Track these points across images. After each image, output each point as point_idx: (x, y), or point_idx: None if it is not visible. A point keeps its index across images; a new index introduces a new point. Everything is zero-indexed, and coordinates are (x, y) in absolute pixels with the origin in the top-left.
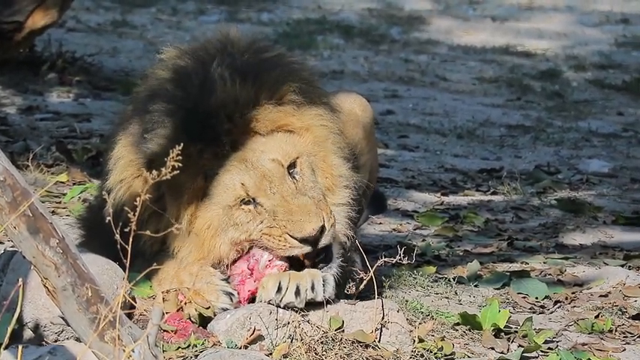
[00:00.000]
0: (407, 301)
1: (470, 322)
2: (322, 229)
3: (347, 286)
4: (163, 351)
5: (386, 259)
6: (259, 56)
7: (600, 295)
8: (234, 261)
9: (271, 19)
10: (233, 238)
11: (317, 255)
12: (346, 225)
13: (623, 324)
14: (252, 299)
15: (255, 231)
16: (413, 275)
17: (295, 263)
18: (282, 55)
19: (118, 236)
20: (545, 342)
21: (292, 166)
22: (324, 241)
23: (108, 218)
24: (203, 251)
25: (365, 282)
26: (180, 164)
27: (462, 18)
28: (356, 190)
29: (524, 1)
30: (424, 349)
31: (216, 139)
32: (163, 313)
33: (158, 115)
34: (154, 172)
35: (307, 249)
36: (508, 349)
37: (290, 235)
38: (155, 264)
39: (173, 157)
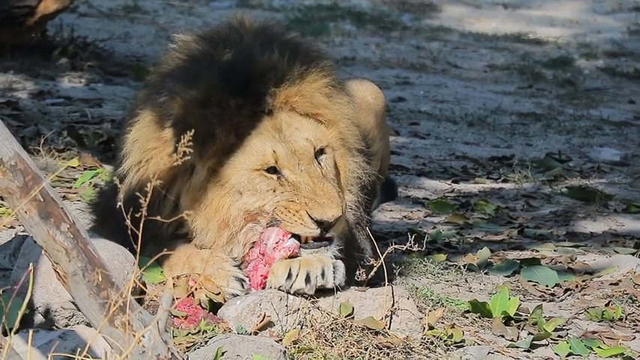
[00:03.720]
0: (417, 288)
1: (480, 309)
2: (338, 219)
3: (357, 273)
4: (173, 337)
5: (396, 247)
6: (294, 39)
7: (611, 284)
8: (251, 247)
9: (283, 5)
10: (246, 203)
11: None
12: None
13: (633, 312)
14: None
15: (272, 202)
16: (423, 262)
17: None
18: (305, 41)
19: (128, 221)
20: (555, 330)
21: (321, 152)
22: (333, 231)
23: (119, 204)
24: (212, 209)
25: (375, 269)
26: (215, 114)
27: (473, 5)
28: (362, 193)
29: None
30: (434, 336)
31: (257, 99)
32: (174, 299)
33: (188, 74)
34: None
35: (316, 232)
36: (518, 337)
37: (308, 214)
38: (166, 249)
39: (184, 143)
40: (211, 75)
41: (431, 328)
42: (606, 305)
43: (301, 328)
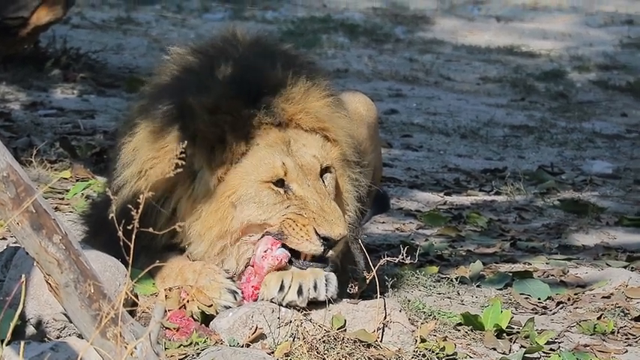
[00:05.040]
0: (409, 300)
1: (472, 322)
2: (342, 238)
3: (349, 286)
4: (165, 348)
5: (389, 259)
6: (291, 52)
7: (603, 297)
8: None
9: (276, 18)
10: (250, 215)
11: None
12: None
13: (625, 325)
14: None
15: (278, 215)
16: (415, 275)
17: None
18: (302, 55)
19: (120, 233)
20: (547, 343)
21: (325, 170)
22: (334, 250)
23: (111, 215)
24: (215, 219)
25: (367, 281)
26: (226, 121)
27: (466, 18)
28: (356, 215)
29: (528, 2)
30: (426, 349)
31: (268, 111)
32: (166, 311)
33: (192, 84)
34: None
35: (320, 250)
36: (510, 350)
37: (315, 230)
38: (159, 261)
39: (177, 155)
40: (221, 84)
41: (423, 340)
42: (598, 318)
43: (293, 340)
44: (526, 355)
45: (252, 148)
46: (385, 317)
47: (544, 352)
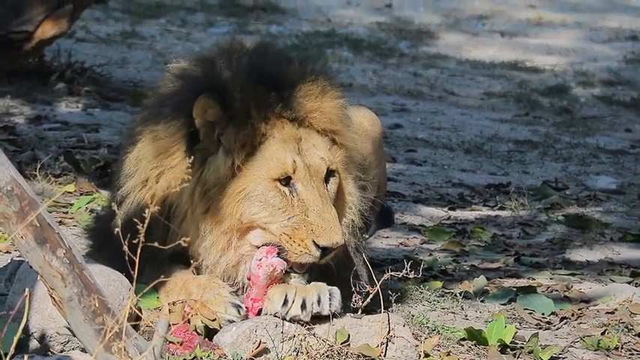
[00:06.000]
0: (413, 315)
1: (476, 337)
2: (340, 246)
3: (353, 300)
4: None
5: (392, 273)
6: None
7: (607, 312)
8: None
9: (280, 32)
10: (255, 214)
11: None
12: None
13: (629, 341)
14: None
15: (279, 224)
16: (419, 290)
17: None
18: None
19: (126, 247)
20: (551, 358)
21: (330, 174)
22: (329, 257)
23: (117, 229)
24: (224, 213)
25: (371, 296)
26: (252, 98)
27: (470, 33)
28: (360, 219)
29: (533, 17)
30: None
31: (288, 102)
32: (169, 325)
33: (202, 84)
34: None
35: (317, 259)
36: None
37: (314, 242)
38: (163, 275)
39: (184, 170)
40: (239, 73)
41: (427, 355)
42: (602, 334)
43: (297, 354)
44: None
45: (268, 140)
46: (389, 332)
47: None
